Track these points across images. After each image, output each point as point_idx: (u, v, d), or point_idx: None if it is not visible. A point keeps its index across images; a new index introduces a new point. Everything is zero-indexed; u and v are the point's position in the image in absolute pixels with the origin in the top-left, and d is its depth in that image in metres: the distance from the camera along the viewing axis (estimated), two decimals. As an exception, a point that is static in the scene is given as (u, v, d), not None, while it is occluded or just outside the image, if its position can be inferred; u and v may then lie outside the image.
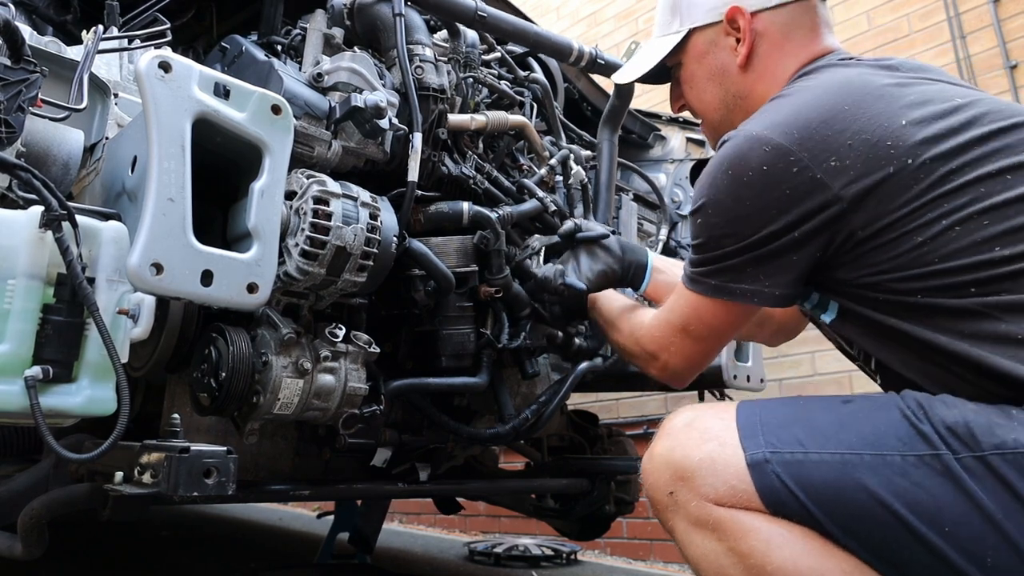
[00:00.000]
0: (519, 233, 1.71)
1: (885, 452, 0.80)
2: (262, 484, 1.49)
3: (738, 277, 1.00)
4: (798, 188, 0.93)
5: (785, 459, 0.84)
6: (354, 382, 1.28)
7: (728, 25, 1.17)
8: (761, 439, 0.86)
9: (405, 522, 4.45)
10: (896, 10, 3.48)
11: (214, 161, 1.11)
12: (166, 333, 1.23)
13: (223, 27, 1.76)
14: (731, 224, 0.99)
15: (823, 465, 0.82)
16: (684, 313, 1.09)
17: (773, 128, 0.96)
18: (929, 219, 0.88)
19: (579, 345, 1.77)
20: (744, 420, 0.90)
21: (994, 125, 0.92)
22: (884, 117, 0.92)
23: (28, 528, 1.14)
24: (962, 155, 0.90)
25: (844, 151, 0.92)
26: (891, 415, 0.84)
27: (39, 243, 0.96)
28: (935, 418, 0.81)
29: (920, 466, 0.78)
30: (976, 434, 0.78)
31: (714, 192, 1.00)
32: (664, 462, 0.91)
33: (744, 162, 0.96)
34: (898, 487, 0.78)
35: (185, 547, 3.13)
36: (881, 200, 0.90)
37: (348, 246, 1.19)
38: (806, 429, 0.86)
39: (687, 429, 0.92)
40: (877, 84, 0.98)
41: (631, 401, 3.58)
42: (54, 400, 0.95)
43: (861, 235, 0.92)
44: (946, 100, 0.95)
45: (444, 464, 1.84)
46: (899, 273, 0.90)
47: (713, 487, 0.86)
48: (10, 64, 0.98)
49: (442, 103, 1.48)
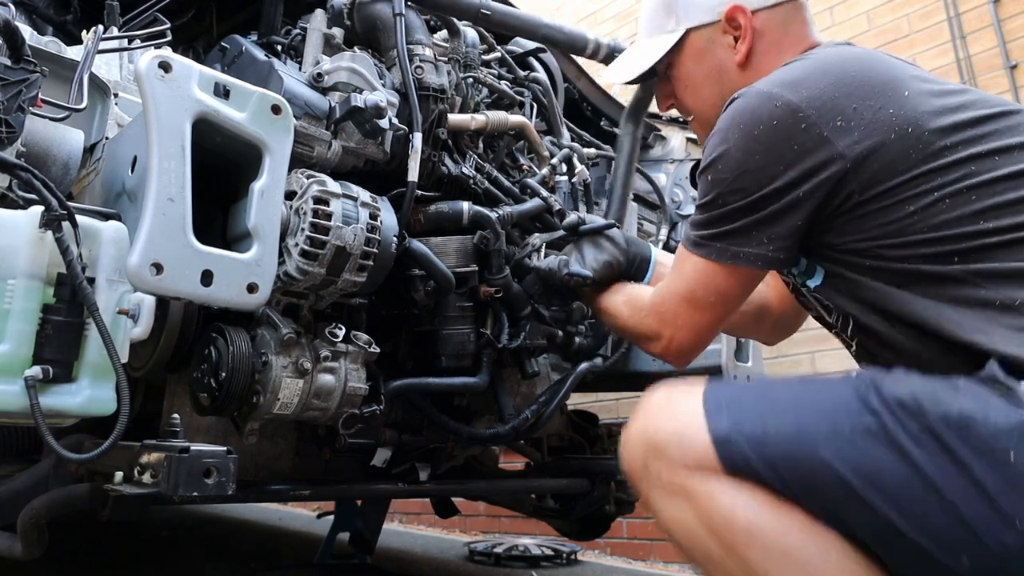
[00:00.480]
0: (519, 233, 1.71)
1: (837, 424, 0.85)
2: (262, 484, 1.49)
3: (744, 240, 1.02)
4: (805, 144, 0.96)
5: (746, 432, 0.89)
6: (354, 382, 1.28)
7: (727, 24, 1.19)
8: (725, 414, 0.92)
9: (405, 522, 4.45)
10: (896, 10, 3.48)
11: (214, 161, 1.11)
12: (166, 333, 1.23)
13: (223, 27, 1.76)
14: (740, 179, 1.01)
15: (781, 437, 0.87)
16: (689, 280, 1.09)
17: (783, 86, 1.00)
18: (922, 190, 0.93)
19: (579, 345, 1.77)
20: (711, 397, 0.94)
21: (984, 111, 0.97)
22: (888, 87, 0.97)
23: (28, 528, 1.14)
24: (956, 133, 0.94)
25: (850, 113, 0.96)
26: (844, 391, 0.88)
27: (39, 243, 0.96)
28: (884, 392, 0.85)
29: (868, 436, 0.83)
30: (923, 405, 0.82)
31: (724, 146, 1.03)
32: (639, 437, 0.97)
33: (755, 117, 0.99)
34: (848, 456, 0.83)
35: (185, 547, 3.13)
36: (881, 165, 0.94)
37: (348, 246, 1.19)
38: (767, 405, 0.92)
39: (660, 407, 0.98)
40: (880, 58, 1.03)
41: (631, 401, 3.58)
42: (54, 400, 0.95)
43: (858, 199, 0.96)
44: (942, 82, 1.01)
45: (444, 464, 1.84)
46: (889, 240, 0.94)
47: (682, 459, 0.91)
48: (10, 64, 0.98)
49: (442, 103, 1.48)
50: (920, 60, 3.37)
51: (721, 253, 1.04)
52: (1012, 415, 0.79)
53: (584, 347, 1.78)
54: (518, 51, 1.94)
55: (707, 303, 1.09)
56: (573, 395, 1.85)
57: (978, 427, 0.79)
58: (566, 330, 1.76)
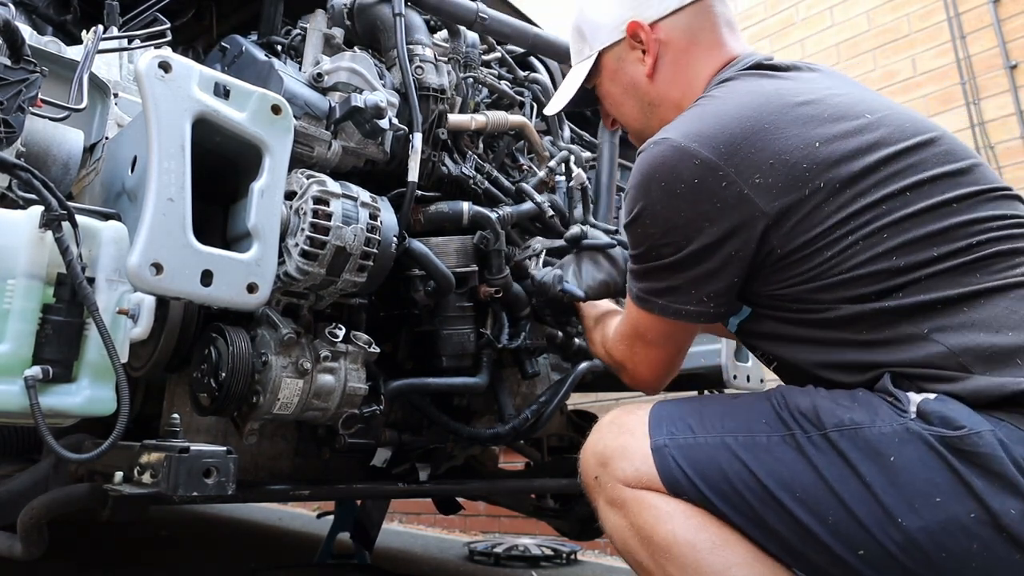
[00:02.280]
0: (519, 233, 1.71)
1: (755, 434, 0.95)
2: (262, 484, 1.49)
3: (685, 298, 1.05)
4: (727, 201, 0.97)
5: (679, 443, 0.98)
6: (354, 382, 1.28)
7: (632, 39, 1.21)
8: (664, 428, 1.01)
9: (405, 522, 4.45)
10: (896, 10, 3.48)
11: (214, 161, 1.11)
12: (166, 333, 1.22)
13: (223, 27, 1.76)
14: (668, 234, 1.02)
15: (707, 446, 0.97)
16: (640, 326, 1.15)
17: (699, 140, 0.99)
18: (838, 235, 0.95)
19: (579, 345, 1.77)
20: (653, 414, 1.05)
21: (899, 145, 0.98)
22: (800, 139, 0.97)
23: (28, 528, 1.14)
24: (868, 177, 0.96)
25: (767, 169, 0.96)
26: (763, 405, 0.98)
27: (39, 243, 0.96)
28: (792, 405, 0.95)
29: (780, 444, 0.93)
30: (821, 415, 0.92)
31: (649, 202, 1.03)
32: (591, 452, 1.07)
33: (676, 174, 0.99)
34: (763, 461, 0.93)
35: (185, 547, 3.13)
36: (799, 220, 0.96)
37: (348, 246, 1.19)
38: (697, 418, 1.01)
39: (610, 425, 1.08)
40: (792, 102, 1.02)
41: (631, 401, 3.58)
42: (54, 400, 0.95)
43: (779, 252, 0.98)
44: (857, 116, 1.00)
45: (444, 464, 1.84)
46: (809, 285, 0.97)
47: (624, 471, 1.00)
48: (10, 64, 0.98)
49: (442, 103, 1.48)
50: (920, 60, 3.37)
51: (664, 310, 1.07)
52: (895, 422, 0.87)
53: (584, 348, 1.78)
54: (518, 51, 1.94)
55: (659, 343, 1.15)
56: (573, 395, 1.85)
57: (866, 433, 0.88)
58: (566, 330, 1.76)
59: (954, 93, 3.23)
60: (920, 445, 0.85)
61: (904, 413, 0.88)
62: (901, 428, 0.86)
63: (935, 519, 0.82)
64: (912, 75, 3.39)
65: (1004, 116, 3.08)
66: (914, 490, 0.84)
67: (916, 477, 0.84)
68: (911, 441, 0.85)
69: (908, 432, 0.86)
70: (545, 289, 1.46)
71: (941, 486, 0.83)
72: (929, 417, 0.86)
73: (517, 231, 1.69)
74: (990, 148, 3.09)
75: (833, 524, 0.87)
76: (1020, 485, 0.80)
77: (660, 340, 1.14)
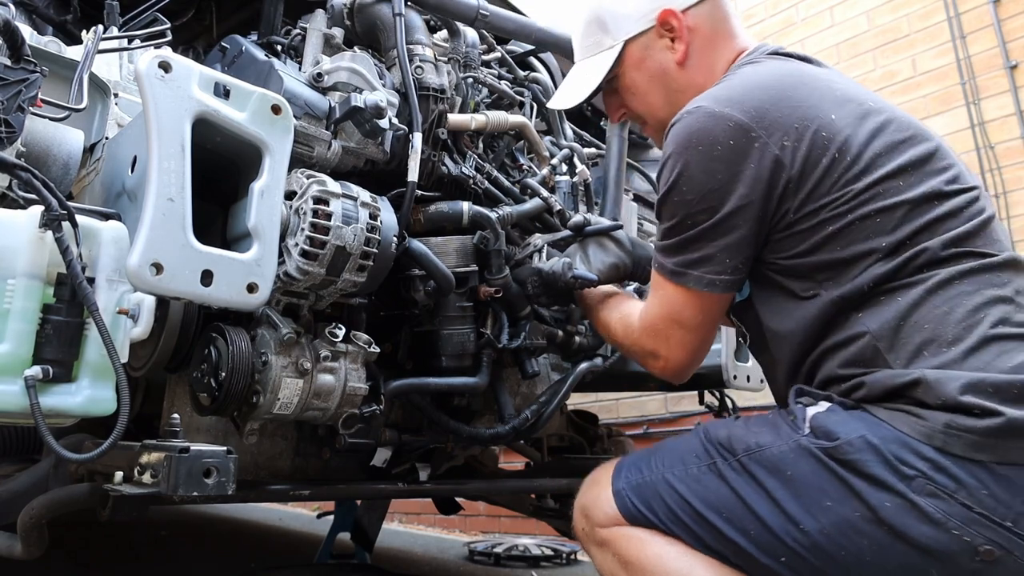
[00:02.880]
0: (519, 233, 1.71)
1: (687, 466, 1.09)
2: (262, 484, 1.49)
3: (719, 267, 1.08)
4: (761, 162, 1.03)
5: (632, 484, 1.13)
6: (354, 382, 1.28)
7: (661, 27, 1.22)
8: (622, 475, 1.16)
9: (405, 522, 4.45)
10: (896, 10, 3.48)
11: (214, 161, 1.11)
12: (166, 333, 1.22)
13: (223, 27, 1.76)
14: (705, 198, 1.06)
15: (651, 483, 1.11)
16: (674, 304, 1.15)
17: (730, 104, 1.05)
18: (841, 211, 1.01)
19: (579, 345, 1.77)
20: (617, 464, 1.19)
21: (898, 135, 1.05)
22: (819, 109, 1.04)
23: (28, 528, 1.14)
24: (873, 160, 1.02)
25: (793, 133, 1.03)
26: (694, 441, 1.11)
27: (39, 243, 0.96)
28: (712, 437, 1.08)
29: (707, 472, 1.06)
30: (733, 443, 1.05)
31: (686, 167, 1.07)
32: (577, 507, 1.23)
33: (712, 137, 1.04)
34: (694, 489, 1.06)
35: (185, 547, 3.13)
36: (814, 184, 1.02)
37: (348, 246, 1.19)
38: (646, 460, 1.15)
39: (589, 482, 1.23)
40: (812, 75, 1.10)
41: (631, 401, 3.58)
42: (54, 400, 0.95)
43: (792, 217, 1.04)
44: (862, 101, 1.08)
45: (444, 464, 1.84)
46: (811, 258, 1.04)
47: (598, 517, 1.16)
48: (10, 64, 0.98)
49: (442, 103, 1.48)
50: (920, 60, 3.37)
51: (699, 281, 1.10)
52: (791, 439, 0.99)
53: (584, 347, 1.78)
54: (518, 51, 1.94)
55: (695, 323, 1.15)
56: (573, 395, 1.85)
57: (767, 454, 1.00)
58: (566, 330, 1.76)
59: (954, 93, 3.23)
60: (810, 458, 0.96)
61: (799, 430, 0.99)
62: (795, 445, 0.98)
63: (829, 521, 0.92)
64: (912, 75, 3.39)
65: (1004, 116, 3.08)
66: (810, 498, 0.94)
67: (810, 486, 0.95)
68: (803, 456, 0.97)
69: (800, 448, 0.97)
70: (555, 278, 1.44)
71: (830, 492, 0.93)
72: (817, 431, 0.97)
73: (517, 231, 1.69)
74: (990, 148, 3.09)
75: (755, 537, 0.98)
76: (890, 482, 0.89)
77: (695, 318, 1.14)
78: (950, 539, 0.85)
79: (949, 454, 0.87)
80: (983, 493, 0.85)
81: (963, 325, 0.94)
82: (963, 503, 0.85)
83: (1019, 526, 0.84)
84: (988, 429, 0.86)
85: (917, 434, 0.89)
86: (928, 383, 0.91)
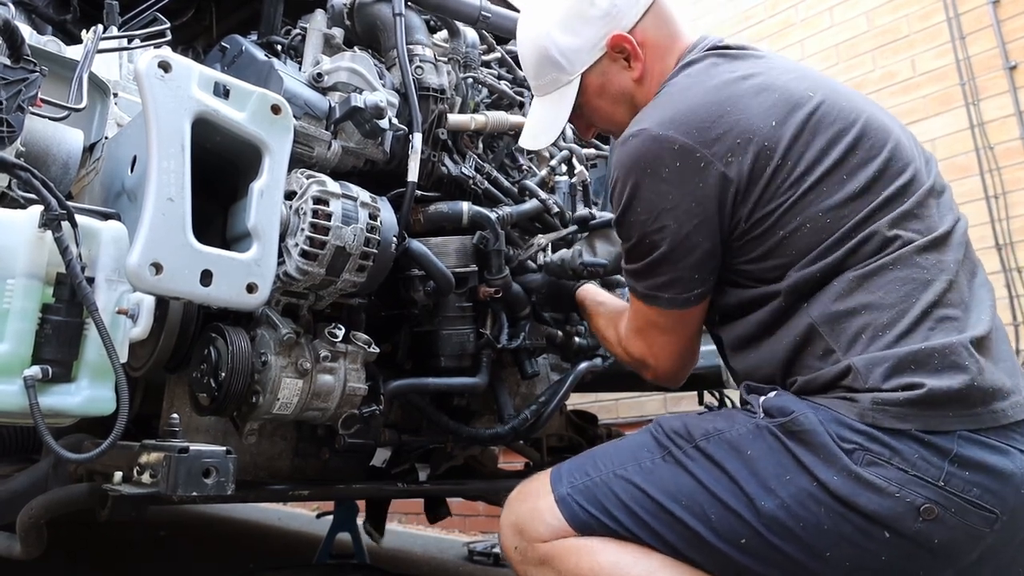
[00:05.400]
0: (519, 233, 1.71)
1: (640, 461, 1.07)
2: (261, 484, 1.49)
3: (689, 285, 1.11)
4: (708, 180, 1.05)
5: (579, 488, 1.09)
6: (353, 382, 1.28)
7: (613, 52, 1.24)
8: (564, 480, 1.11)
9: (405, 522, 4.45)
10: (896, 10, 3.48)
11: (214, 161, 1.10)
12: (165, 333, 1.22)
13: (223, 27, 1.76)
14: (660, 217, 1.08)
15: (602, 483, 1.08)
16: (648, 319, 1.19)
17: (673, 126, 1.07)
18: (789, 216, 1.04)
19: (579, 345, 1.77)
20: (553, 473, 1.14)
21: (836, 126, 1.07)
22: (758, 119, 1.06)
23: (27, 528, 1.14)
24: (811, 155, 1.05)
25: (735, 148, 1.05)
26: (643, 436, 1.11)
27: (39, 243, 0.96)
28: (666, 428, 1.08)
29: (662, 463, 1.05)
30: (691, 430, 1.06)
31: (637, 190, 1.09)
32: (506, 526, 1.15)
33: (659, 161, 1.07)
34: (650, 481, 1.04)
35: (184, 547, 3.13)
36: (760, 193, 1.05)
37: (348, 246, 1.19)
38: (590, 462, 1.12)
39: (516, 496, 1.17)
40: (749, 86, 1.10)
41: (631, 401, 3.58)
42: (53, 400, 0.95)
43: (744, 226, 1.07)
44: (803, 97, 1.09)
45: (444, 464, 1.84)
46: (766, 263, 1.06)
47: (537, 531, 1.09)
48: (10, 64, 0.98)
49: (442, 103, 1.48)
50: (920, 60, 3.37)
51: (672, 302, 1.13)
52: (748, 423, 1.02)
53: (584, 347, 1.78)
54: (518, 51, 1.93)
55: (673, 329, 1.18)
56: (573, 395, 1.85)
57: (726, 436, 1.02)
58: (565, 330, 1.76)
59: (954, 94, 3.23)
60: (768, 436, 0.99)
61: (754, 414, 1.03)
62: (752, 426, 1.01)
63: (788, 494, 0.95)
64: (912, 76, 3.39)
65: (1004, 117, 3.08)
66: (768, 474, 0.97)
67: (768, 463, 0.98)
68: (760, 435, 1.00)
69: (757, 428, 1.01)
70: (563, 268, 1.46)
71: (787, 466, 0.96)
72: (771, 411, 1.01)
73: (517, 231, 1.69)
74: (990, 148, 3.09)
75: (715, 522, 0.99)
76: (836, 455, 0.94)
77: (673, 326, 1.17)
78: (894, 502, 0.91)
79: (879, 427, 0.93)
80: (915, 457, 0.92)
81: (896, 310, 0.99)
82: (899, 467, 0.92)
83: (950, 484, 0.91)
84: (909, 400, 0.93)
85: (851, 413, 0.95)
86: (857, 370, 0.97)
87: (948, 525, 0.91)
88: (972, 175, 3.08)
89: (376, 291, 1.38)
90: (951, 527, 0.91)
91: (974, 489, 0.91)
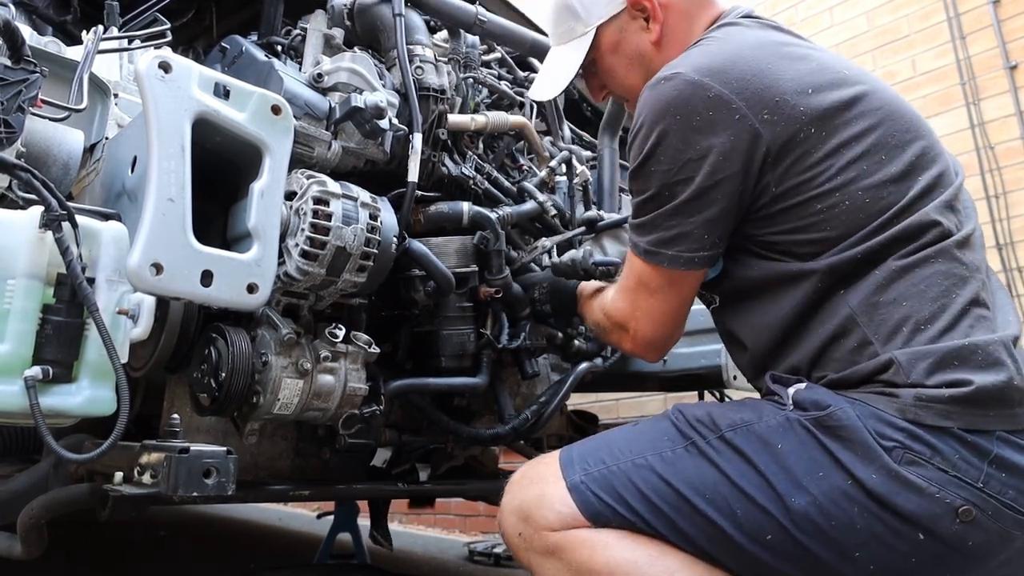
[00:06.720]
0: (519, 234, 1.71)
1: (661, 450, 1.01)
2: (262, 484, 1.49)
3: (696, 244, 1.05)
4: (740, 135, 1.00)
5: (594, 476, 1.02)
6: (354, 382, 1.28)
7: (632, 9, 1.21)
8: (577, 467, 1.04)
9: (405, 522, 4.45)
10: (896, 10, 3.48)
11: (214, 161, 1.11)
12: (166, 333, 1.22)
13: (223, 27, 1.76)
14: (683, 168, 1.02)
15: (620, 472, 1.01)
16: (641, 278, 1.12)
17: (711, 74, 1.02)
18: (826, 189, 1.00)
19: (579, 345, 1.77)
20: (563, 457, 1.07)
21: (874, 107, 1.03)
22: (796, 83, 1.02)
23: (28, 528, 1.14)
24: (848, 132, 1.01)
25: (772, 106, 1.00)
26: (663, 423, 1.05)
27: (39, 243, 0.96)
28: (689, 416, 1.03)
29: (684, 453, 1.00)
30: (716, 420, 1.00)
31: (663, 136, 1.03)
32: (509, 511, 1.08)
33: (691, 107, 1.01)
34: (672, 472, 0.98)
35: (185, 547, 3.13)
36: (794, 160, 1.00)
37: (348, 246, 1.19)
38: (607, 449, 1.05)
39: (521, 480, 1.10)
40: (786, 52, 1.07)
41: (631, 401, 3.58)
42: (54, 400, 0.95)
43: (774, 191, 1.01)
44: (838, 71, 1.06)
45: (444, 464, 1.84)
46: (800, 235, 1.01)
47: (546, 518, 1.02)
48: (10, 64, 0.98)
49: (442, 103, 1.48)
50: (920, 60, 3.37)
51: (674, 260, 1.06)
52: (778, 415, 0.97)
53: (584, 347, 1.78)
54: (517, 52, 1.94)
55: (663, 291, 1.11)
56: (573, 395, 1.85)
57: (755, 428, 0.97)
58: (566, 331, 1.76)
59: (954, 94, 3.23)
60: (800, 430, 0.94)
61: (784, 406, 0.98)
62: (783, 419, 0.96)
63: (820, 491, 0.91)
64: (912, 76, 3.39)
65: (1004, 116, 3.08)
66: (800, 470, 0.93)
67: (800, 458, 0.93)
68: (792, 428, 0.95)
69: (788, 421, 0.96)
70: (575, 268, 1.43)
71: (821, 462, 0.92)
72: (803, 404, 0.96)
73: (517, 231, 1.69)
74: (990, 148, 3.09)
75: (741, 518, 0.94)
76: (875, 452, 0.90)
77: (665, 288, 1.10)
78: (933, 503, 0.88)
79: (921, 425, 0.90)
80: (956, 457, 0.89)
81: (938, 304, 0.95)
82: (939, 467, 0.89)
83: (988, 486, 0.89)
84: (954, 397, 0.90)
85: (890, 409, 0.91)
86: (899, 364, 0.93)
87: (983, 528, 0.89)
88: (972, 175, 3.08)
89: (376, 291, 1.38)
90: (985, 529, 0.89)
91: (1010, 491, 0.89)
